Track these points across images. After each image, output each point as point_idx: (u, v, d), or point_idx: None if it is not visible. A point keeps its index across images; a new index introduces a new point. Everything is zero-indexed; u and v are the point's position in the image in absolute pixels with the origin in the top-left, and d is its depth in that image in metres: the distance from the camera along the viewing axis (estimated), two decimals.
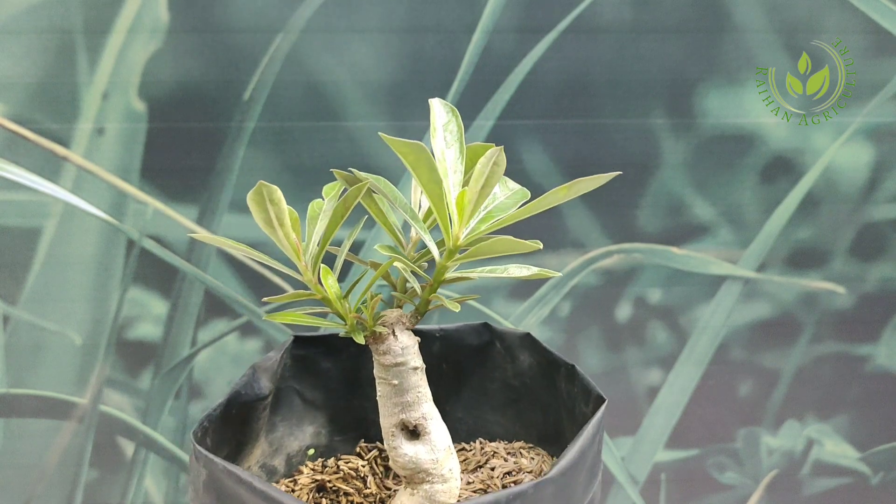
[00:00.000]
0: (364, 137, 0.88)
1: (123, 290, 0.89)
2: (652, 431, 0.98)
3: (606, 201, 0.92)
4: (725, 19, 0.89)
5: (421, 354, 0.52)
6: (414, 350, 0.51)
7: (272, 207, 0.46)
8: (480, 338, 0.64)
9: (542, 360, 0.62)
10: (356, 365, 0.62)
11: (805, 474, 1.01)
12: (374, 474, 0.59)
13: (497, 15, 0.87)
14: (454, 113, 0.51)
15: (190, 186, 0.87)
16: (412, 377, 0.51)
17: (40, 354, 0.89)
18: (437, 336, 0.64)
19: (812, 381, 0.99)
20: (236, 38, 0.85)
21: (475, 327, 0.64)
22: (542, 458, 0.61)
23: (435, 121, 0.50)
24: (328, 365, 0.61)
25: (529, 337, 0.62)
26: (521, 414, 0.64)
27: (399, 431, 0.52)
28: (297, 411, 0.61)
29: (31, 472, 0.91)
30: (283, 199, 0.46)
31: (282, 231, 0.47)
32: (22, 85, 0.84)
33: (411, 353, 0.51)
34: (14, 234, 0.87)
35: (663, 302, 0.95)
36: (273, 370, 0.58)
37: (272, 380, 0.58)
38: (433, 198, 0.48)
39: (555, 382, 0.61)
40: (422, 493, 0.52)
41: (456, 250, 0.49)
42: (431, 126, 0.50)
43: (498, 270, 0.50)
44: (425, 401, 0.52)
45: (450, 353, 0.64)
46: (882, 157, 0.94)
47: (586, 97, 0.90)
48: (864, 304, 0.97)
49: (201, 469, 0.48)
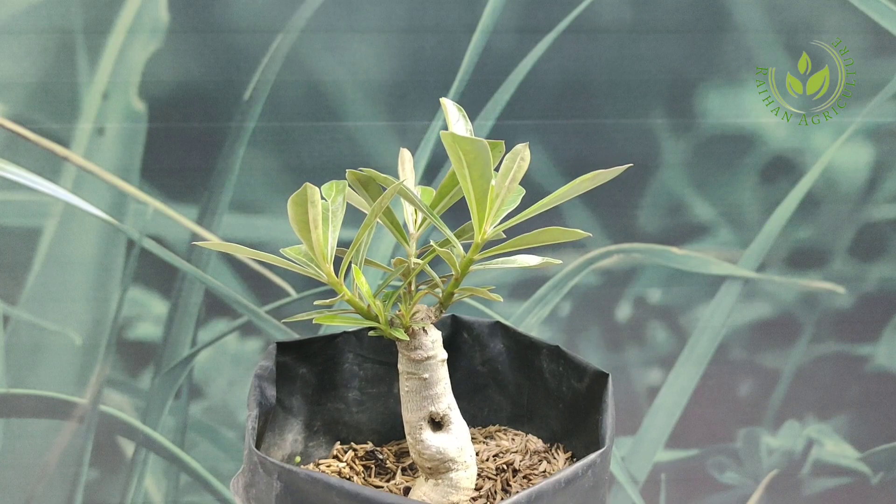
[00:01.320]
0: (364, 137, 0.88)
1: (123, 290, 0.89)
2: (652, 431, 0.98)
3: (606, 201, 0.92)
4: (725, 19, 0.89)
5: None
6: (440, 342, 0.52)
7: (312, 209, 0.45)
8: (447, 330, 0.64)
9: (516, 345, 0.63)
10: (330, 368, 0.62)
11: (805, 474, 1.01)
12: (357, 474, 0.59)
13: (497, 15, 0.87)
14: (463, 112, 0.53)
15: (190, 186, 0.87)
16: (441, 369, 0.52)
17: (40, 354, 0.89)
18: None
19: (812, 381, 0.99)
20: (236, 38, 0.85)
21: (442, 320, 0.64)
22: (521, 437, 0.62)
23: (451, 119, 0.51)
24: (304, 370, 0.61)
25: (499, 324, 0.63)
26: (489, 399, 0.64)
27: (426, 424, 0.52)
28: (279, 420, 0.60)
29: (31, 471, 0.91)
30: (320, 202, 0.46)
31: (316, 233, 0.47)
32: (22, 85, 0.84)
33: (439, 346, 0.52)
34: (14, 234, 0.87)
35: (663, 302, 0.95)
36: (273, 379, 0.58)
37: (273, 389, 0.58)
38: (478, 194, 0.48)
39: (532, 364, 0.61)
40: (446, 483, 0.53)
41: (483, 244, 0.49)
42: (448, 125, 0.51)
43: (510, 261, 0.51)
44: (449, 391, 0.53)
45: None
46: (882, 157, 0.94)
47: (586, 97, 0.90)
48: (864, 304, 0.97)
49: (275, 482, 0.46)
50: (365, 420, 0.63)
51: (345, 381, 0.52)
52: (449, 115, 0.52)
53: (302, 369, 0.61)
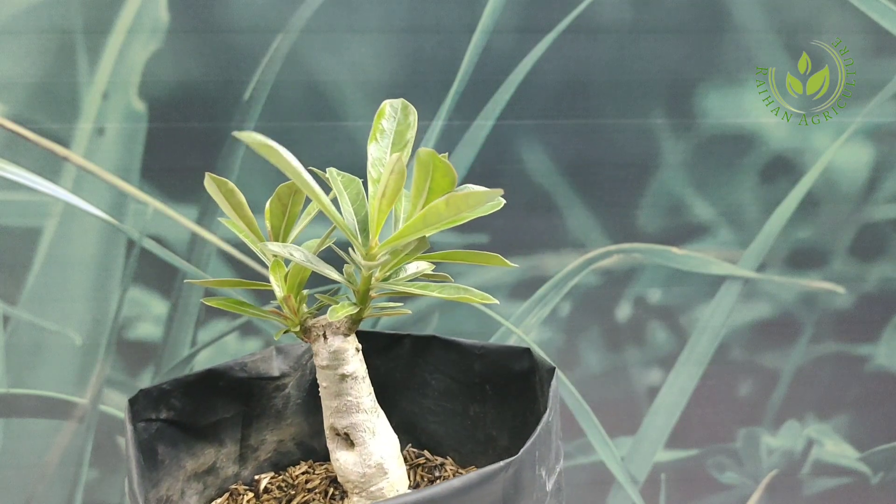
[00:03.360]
0: (364, 137, 0.88)
1: (123, 290, 0.89)
2: (652, 431, 0.98)
3: (606, 201, 0.92)
4: (725, 19, 0.89)
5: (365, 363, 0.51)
6: (346, 357, 0.50)
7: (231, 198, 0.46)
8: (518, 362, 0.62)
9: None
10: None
11: (805, 474, 1.01)
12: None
13: (497, 15, 0.87)
14: (406, 112, 0.50)
15: (190, 186, 0.87)
16: (340, 384, 0.50)
17: (40, 354, 0.89)
18: (478, 354, 0.61)
19: (812, 381, 0.99)
20: (236, 38, 0.85)
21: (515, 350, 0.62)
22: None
23: (381, 123, 0.49)
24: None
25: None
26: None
27: (334, 436, 0.51)
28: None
29: (32, 471, 0.91)
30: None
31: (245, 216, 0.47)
32: (22, 85, 0.84)
33: (341, 359, 0.49)
34: (14, 234, 0.87)
35: (663, 302, 0.95)
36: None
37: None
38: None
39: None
40: (371, 497, 0.51)
41: (373, 257, 0.46)
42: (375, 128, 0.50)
43: (429, 288, 0.48)
44: (357, 411, 0.50)
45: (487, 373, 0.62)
46: (882, 157, 0.94)
47: (586, 97, 0.90)
48: (863, 304, 0.97)
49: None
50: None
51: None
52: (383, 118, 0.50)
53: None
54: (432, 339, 0.62)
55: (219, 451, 0.60)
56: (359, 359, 0.50)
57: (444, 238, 0.90)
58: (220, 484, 0.60)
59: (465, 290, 0.48)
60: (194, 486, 0.59)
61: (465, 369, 0.60)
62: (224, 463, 0.60)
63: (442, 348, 0.61)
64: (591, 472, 0.97)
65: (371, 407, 0.51)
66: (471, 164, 0.89)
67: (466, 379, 0.60)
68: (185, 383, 0.58)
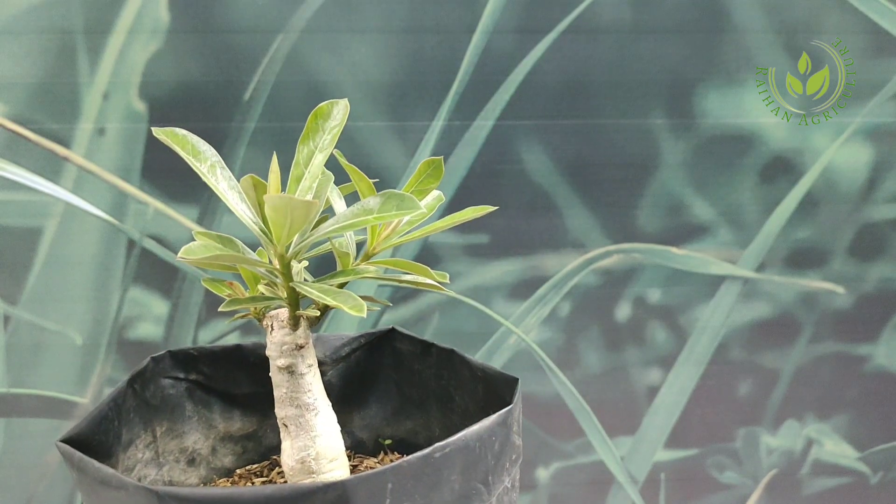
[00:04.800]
0: (364, 137, 0.88)
1: (124, 289, 0.89)
2: (651, 431, 0.98)
3: (606, 201, 0.92)
4: (725, 19, 0.89)
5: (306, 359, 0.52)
6: (283, 350, 0.51)
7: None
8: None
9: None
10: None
11: (804, 474, 1.01)
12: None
13: (497, 15, 0.87)
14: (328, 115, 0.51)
15: (190, 186, 0.87)
16: (278, 375, 0.51)
17: (41, 354, 0.89)
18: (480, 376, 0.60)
19: (811, 381, 0.99)
20: (237, 38, 0.85)
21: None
22: None
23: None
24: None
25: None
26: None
27: (280, 424, 0.52)
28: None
29: (32, 471, 0.91)
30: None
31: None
32: (23, 85, 0.84)
33: (280, 352, 0.51)
34: (15, 234, 0.87)
35: (663, 302, 0.96)
36: None
37: None
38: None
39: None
40: None
41: (285, 261, 0.48)
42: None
43: (339, 298, 0.47)
44: (290, 405, 0.51)
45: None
46: (881, 157, 0.94)
47: (586, 97, 0.90)
48: (863, 304, 0.97)
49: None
50: None
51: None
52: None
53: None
54: (452, 353, 0.60)
55: (263, 422, 0.62)
56: (299, 355, 0.51)
57: (444, 238, 0.91)
58: (262, 451, 0.62)
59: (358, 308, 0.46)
60: (230, 447, 0.61)
61: (472, 390, 0.58)
62: (268, 434, 0.62)
63: (461, 364, 0.59)
64: (591, 471, 0.97)
65: (307, 404, 0.52)
66: (471, 165, 0.89)
67: (475, 402, 0.58)
68: (213, 353, 0.60)
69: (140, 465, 0.55)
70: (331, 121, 0.49)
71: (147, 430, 0.56)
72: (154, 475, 0.57)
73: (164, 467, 0.58)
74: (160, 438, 0.58)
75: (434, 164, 0.52)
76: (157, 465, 0.57)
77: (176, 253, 0.89)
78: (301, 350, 0.51)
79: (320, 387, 0.52)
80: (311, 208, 0.43)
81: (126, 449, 0.54)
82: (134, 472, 0.55)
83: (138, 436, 0.56)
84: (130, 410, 0.55)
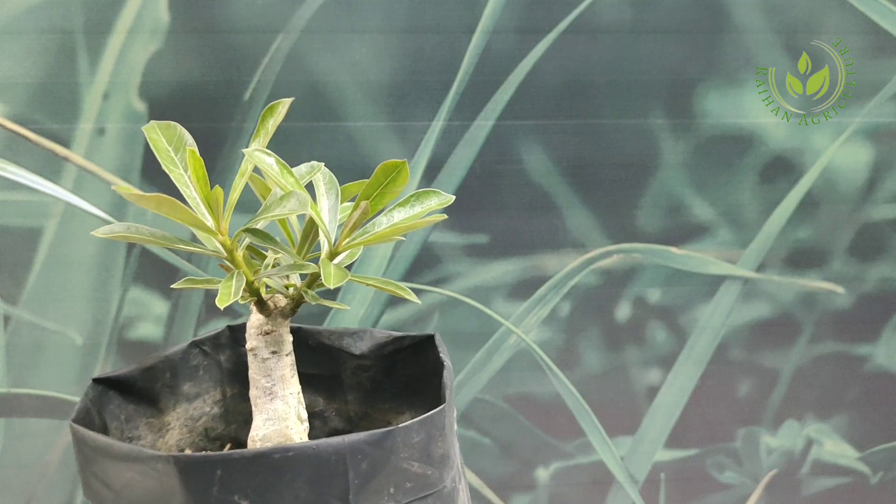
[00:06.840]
0: (364, 137, 0.88)
1: (124, 289, 0.89)
2: (651, 431, 0.98)
3: (606, 201, 0.92)
4: (725, 19, 0.89)
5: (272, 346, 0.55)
6: (251, 332, 0.55)
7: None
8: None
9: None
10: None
11: (804, 474, 1.01)
12: None
13: (497, 15, 0.87)
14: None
15: None
16: (248, 356, 0.55)
17: (41, 354, 0.89)
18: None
19: (811, 381, 0.99)
20: (237, 38, 0.85)
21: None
22: None
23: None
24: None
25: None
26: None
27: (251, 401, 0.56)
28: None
29: (33, 471, 0.91)
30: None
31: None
32: (23, 85, 0.84)
33: (250, 334, 0.55)
34: (15, 234, 0.87)
35: (663, 302, 0.96)
36: None
37: None
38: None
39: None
40: None
41: (229, 248, 0.55)
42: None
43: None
44: (253, 385, 0.55)
45: None
46: (881, 157, 0.94)
47: (586, 97, 0.90)
48: (863, 304, 0.97)
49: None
50: None
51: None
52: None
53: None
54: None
55: (329, 404, 0.64)
56: (263, 340, 0.54)
57: (444, 238, 0.91)
58: (327, 431, 0.65)
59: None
60: None
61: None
62: (332, 416, 0.64)
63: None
64: (591, 471, 0.97)
65: (265, 387, 0.54)
66: (471, 165, 0.90)
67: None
68: None
69: (206, 417, 0.62)
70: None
71: (217, 388, 0.63)
72: (221, 429, 0.63)
73: (231, 425, 0.63)
74: (230, 399, 0.63)
75: (395, 169, 0.52)
76: (226, 422, 0.63)
77: (176, 253, 0.89)
78: (267, 336, 0.54)
79: (284, 374, 0.55)
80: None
81: (192, 400, 0.61)
82: (200, 422, 0.62)
83: (207, 391, 0.62)
84: (200, 368, 0.62)
